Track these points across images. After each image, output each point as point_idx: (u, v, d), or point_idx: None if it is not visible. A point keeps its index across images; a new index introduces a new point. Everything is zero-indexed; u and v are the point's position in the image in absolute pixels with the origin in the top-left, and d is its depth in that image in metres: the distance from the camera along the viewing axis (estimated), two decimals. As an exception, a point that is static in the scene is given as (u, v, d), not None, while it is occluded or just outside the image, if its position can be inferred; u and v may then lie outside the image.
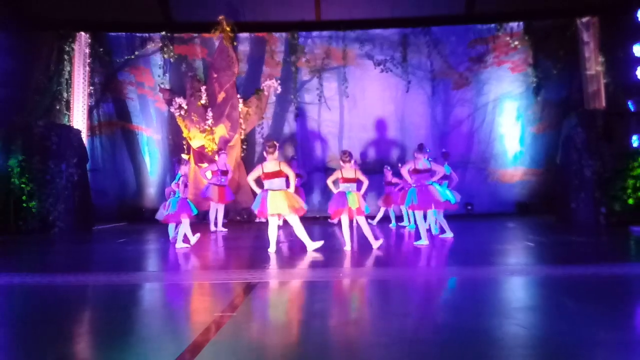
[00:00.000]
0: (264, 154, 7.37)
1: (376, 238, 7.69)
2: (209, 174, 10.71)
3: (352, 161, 7.65)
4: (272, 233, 7.37)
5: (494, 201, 14.05)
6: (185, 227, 8.01)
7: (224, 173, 10.52)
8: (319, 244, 7.40)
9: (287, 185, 7.30)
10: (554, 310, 4.02)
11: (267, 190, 7.19)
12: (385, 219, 11.70)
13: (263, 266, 6.23)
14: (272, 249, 7.37)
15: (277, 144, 7.49)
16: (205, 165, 12.32)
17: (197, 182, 12.64)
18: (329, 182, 7.67)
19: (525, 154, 14.25)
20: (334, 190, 7.61)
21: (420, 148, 7.99)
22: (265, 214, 7.17)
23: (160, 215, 8.20)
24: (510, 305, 4.29)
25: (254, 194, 7.73)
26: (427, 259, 6.94)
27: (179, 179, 8.05)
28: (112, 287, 5.23)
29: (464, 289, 5.03)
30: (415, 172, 7.94)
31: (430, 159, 8.24)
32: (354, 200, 7.39)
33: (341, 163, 7.59)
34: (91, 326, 4.04)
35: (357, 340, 3.38)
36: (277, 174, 7.17)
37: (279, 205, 7.08)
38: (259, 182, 7.41)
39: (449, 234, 8.68)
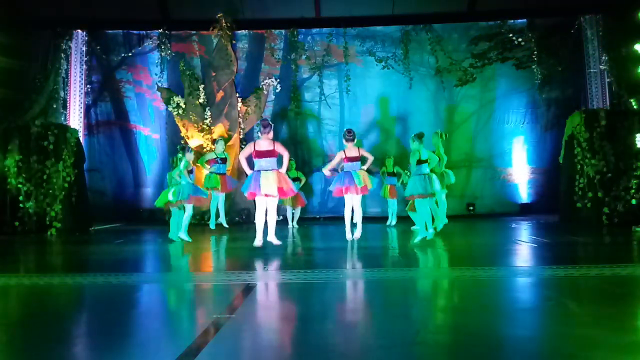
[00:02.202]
0: (259, 133, 7.07)
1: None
2: (205, 163, 10.46)
3: (355, 140, 7.57)
4: (260, 220, 6.95)
5: (497, 201, 13.98)
6: (188, 215, 7.97)
7: (224, 161, 10.25)
8: (278, 242, 7.12)
9: (279, 167, 7.00)
10: (557, 311, 3.97)
11: (258, 170, 6.85)
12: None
13: (262, 267, 6.15)
14: (258, 242, 6.94)
15: (272, 123, 7.11)
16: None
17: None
18: (334, 162, 7.62)
19: (529, 152, 14.13)
20: (338, 171, 7.58)
21: (421, 137, 7.76)
22: (257, 194, 6.81)
23: (165, 198, 8.31)
24: (512, 307, 4.25)
25: (244, 175, 7.61)
26: (430, 259, 6.86)
27: (187, 166, 8.05)
28: (110, 288, 5.14)
29: (465, 290, 4.95)
30: (419, 162, 7.68)
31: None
32: (359, 178, 7.30)
33: (344, 142, 7.50)
34: (88, 328, 3.98)
35: (357, 342, 3.33)
36: (270, 153, 6.84)
37: (271, 185, 6.72)
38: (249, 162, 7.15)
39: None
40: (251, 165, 7.06)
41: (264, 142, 6.89)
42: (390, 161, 11.27)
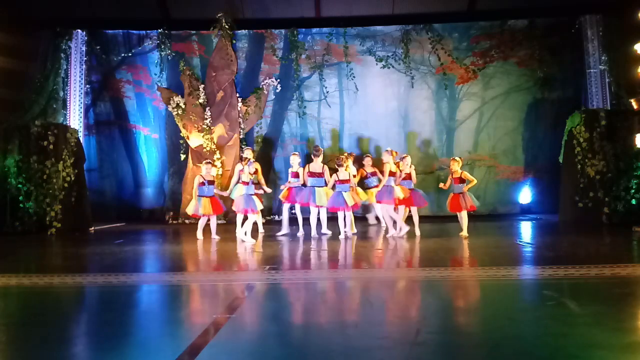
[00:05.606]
0: (312, 156, 9.09)
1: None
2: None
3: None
4: (313, 220, 8.93)
5: (498, 200, 13.95)
6: (250, 221, 8.78)
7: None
8: (329, 232, 9.20)
9: (325, 183, 8.93)
10: (557, 311, 3.98)
11: (312, 186, 8.85)
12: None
13: (262, 267, 6.15)
14: (314, 234, 8.84)
15: (322, 149, 9.20)
16: (202, 165, 12.20)
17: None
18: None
19: (531, 151, 14.06)
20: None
21: (392, 154, 9.00)
22: (310, 204, 8.84)
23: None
24: (513, 307, 4.27)
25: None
26: (430, 259, 6.86)
27: (244, 178, 8.86)
28: (110, 288, 5.14)
29: (465, 290, 4.95)
30: (391, 174, 8.89)
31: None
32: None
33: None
34: (88, 328, 4.00)
35: (357, 342, 3.33)
36: (320, 174, 8.86)
37: (322, 199, 8.72)
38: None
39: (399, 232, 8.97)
40: None
41: (316, 165, 8.92)
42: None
